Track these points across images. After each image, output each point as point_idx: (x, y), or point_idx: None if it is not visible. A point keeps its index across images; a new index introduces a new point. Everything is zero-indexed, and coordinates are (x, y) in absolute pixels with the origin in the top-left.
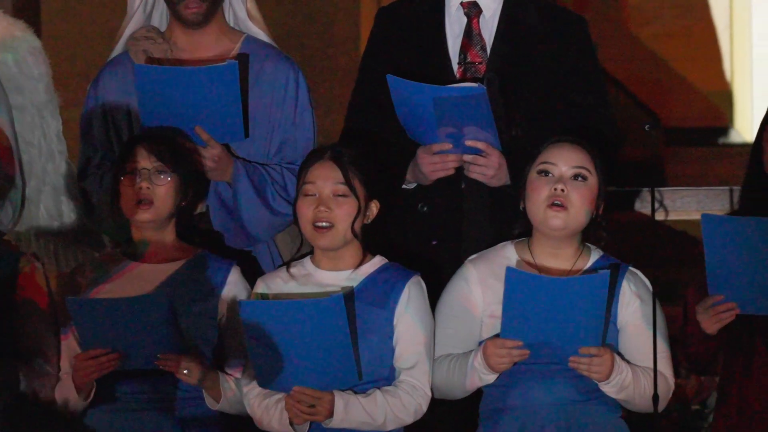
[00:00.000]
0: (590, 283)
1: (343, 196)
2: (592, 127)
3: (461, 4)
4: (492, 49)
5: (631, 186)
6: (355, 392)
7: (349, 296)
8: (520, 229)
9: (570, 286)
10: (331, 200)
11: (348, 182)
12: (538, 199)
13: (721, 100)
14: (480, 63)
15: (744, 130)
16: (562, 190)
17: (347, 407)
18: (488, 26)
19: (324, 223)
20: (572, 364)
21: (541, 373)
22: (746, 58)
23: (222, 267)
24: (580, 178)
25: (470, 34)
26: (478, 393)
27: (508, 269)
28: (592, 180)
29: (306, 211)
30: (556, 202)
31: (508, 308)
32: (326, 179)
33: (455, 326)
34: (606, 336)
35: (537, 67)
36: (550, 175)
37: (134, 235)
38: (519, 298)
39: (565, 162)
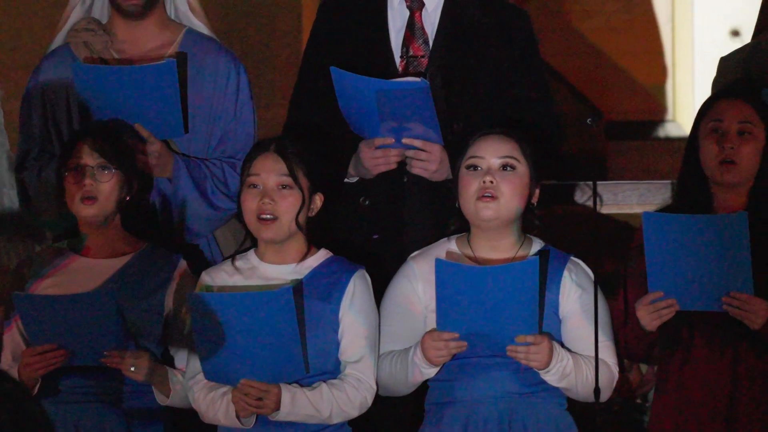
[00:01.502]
0: (520, 270)
1: (288, 188)
2: (534, 120)
3: None
4: (434, 42)
5: (572, 179)
6: (301, 385)
7: (297, 289)
8: (456, 225)
9: (500, 274)
10: (276, 192)
11: (292, 174)
12: (468, 193)
13: (663, 94)
14: (422, 56)
15: (685, 123)
16: (491, 182)
17: (294, 400)
18: (431, 20)
19: (268, 216)
20: (510, 353)
21: (484, 366)
22: (687, 52)
23: (169, 261)
24: (508, 168)
25: (413, 28)
26: (424, 387)
27: (437, 261)
28: (522, 168)
29: (250, 203)
30: (485, 194)
31: (442, 300)
32: (270, 171)
33: (398, 323)
34: (547, 325)
35: (479, 61)
36: (479, 168)
37: (81, 229)
38: (451, 290)
39: (491, 154)
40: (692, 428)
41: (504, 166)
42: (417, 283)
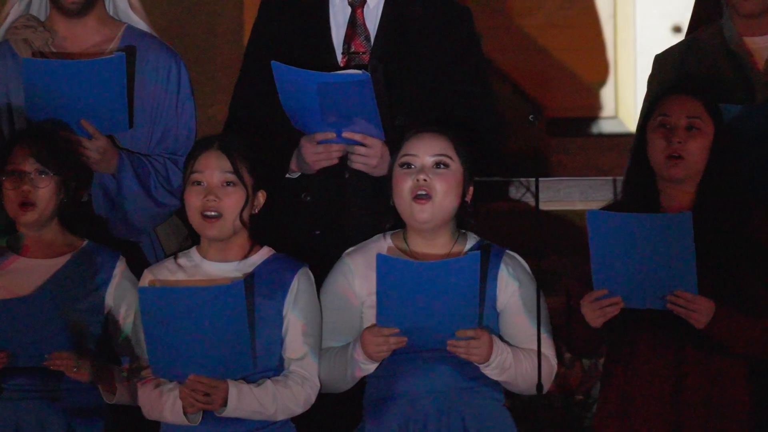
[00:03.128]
0: (461, 264)
1: (231, 185)
2: (475, 117)
3: None
4: (376, 38)
5: (514, 175)
6: (247, 382)
7: (246, 284)
8: (391, 222)
9: (441, 269)
10: (219, 190)
11: (236, 172)
12: (402, 191)
13: (605, 91)
14: (364, 53)
15: (627, 120)
16: (425, 180)
17: (240, 396)
18: (372, 16)
19: (212, 213)
20: (451, 347)
21: (422, 361)
22: (629, 49)
23: (108, 259)
24: (442, 166)
25: (354, 24)
26: (363, 382)
27: (379, 256)
28: (455, 166)
29: (194, 200)
30: (419, 193)
31: (382, 295)
32: (214, 169)
33: (335, 319)
34: (485, 319)
35: (421, 57)
36: (413, 166)
37: (19, 229)
38: (392, 285)
39: (425, 152)
40: (637, 426)
41: (437, 164)
42: (353, 279)
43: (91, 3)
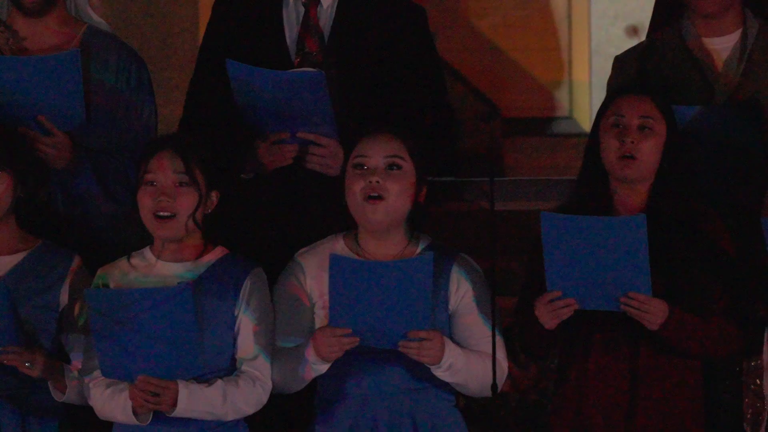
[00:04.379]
0: (413, 265)
1: (184, 185)
2: (429, 117)
3: None
4: (329, 38)
5: (469, 176)
6: (199, 382)
7: (195, 286)
8: (345, 221)
9: (393, 270)
10: (172, 190)
11: (189, 172)
12: (354, 193)
13: (560, 91)
14: (317, 52)
15: (582, 120)
16: (378, 182)
17: (191, 397)
18: (326, 15)
19: (165, 213)
20: (402, 348)
21: (374, 362)
22: (584, 49)
23: (64, 258)
24: (395, 168)
25: (308, 24)
26: (316, 382)
27: (332, 255)
28: (408, 167)
29: (147, 200)
30: (372, 194)
31: (335, 295)
32: (167, 169)
33: (288, 320)
34: (437, 321)
35: (374, 57)
36: (365, 167)
37: None
38: (344, 284)
39: (378, 153)
40: (592, 425)
41: (390, 166)
42: (305, 280)
43: (52, 2)
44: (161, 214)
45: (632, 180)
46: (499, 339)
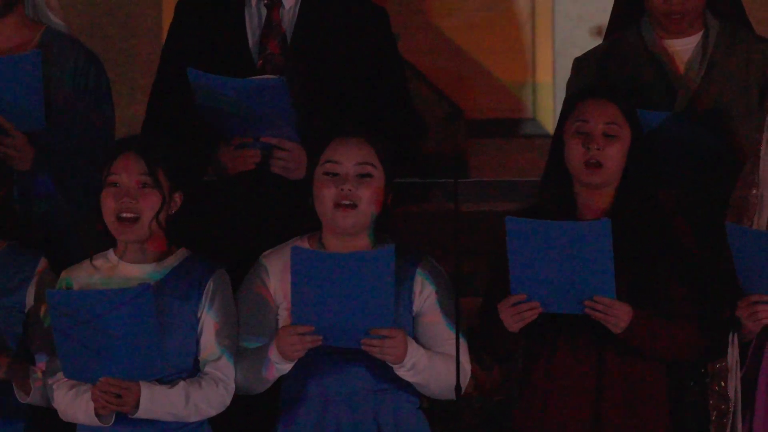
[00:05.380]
0: (375, 256)
1: (148, 187)
2: (392, 118)
3: None
4: (292, 40)
5: (433, 177)
6: (161, 384)
7: (157, 286)
8: (309, 224)
9: (355, 261)
10: (136, 192)
11: (152, 174)
12: (325, 199)
13: (523, 92)
14: (280, 54)
15: (545, 121)
16: (350, 190)
17: (153, 398)
18: (288, 17)
19: (128, 215)
20: (365, 346)
21: (336, 362)
22: (548, 50)
23: (29, 259)
24: (366, 176)
25: (270, 26)
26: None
27: (293, 248)
28: (378, 173)
29: (110, 202)
30: (344, 203)
31: (297, 289)
32: (131, 171)
33: (252, 320)
34: (401, 322)
35: (337, 59)
36: (337, 174)
37: None
38: (306, 278)
39: (349, 159)
40: (557, 427)
41: (361, 174)
42: (269, 281)
43: (10, 5)
44: (124, 215)
45: (598, 185)
46: (462, 341)
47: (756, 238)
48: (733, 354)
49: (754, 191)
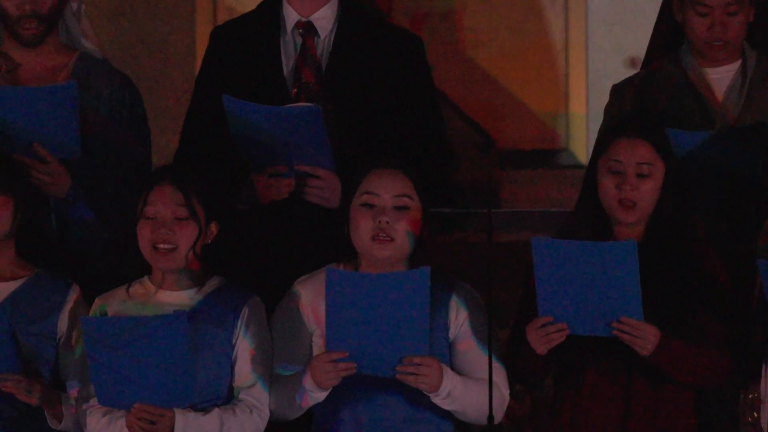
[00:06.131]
0: (410, 278)
1: (184, 219)
2: (426, 148)
3: (296, 24)
4: (327, 69)
5: (466, 207)
6: (195, 410)
7: (191, 313)
8: (343, 253)
9: (390, 282)
10: (173, 223)
11: (189, 205)
12: (362, 230)
13: (556, 123)
14: (315, 83)
15: (578, 152)
16: (387, 222)
17: (187, 425)
18: (323, 46)
19: (166, 246)
20: (399, 375)
21: (370, 389)
22: (581, 81)
23: (62, 286)
24: (404, 208)
25: (305, 54)
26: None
27: (328, 269)
28: (415, 205)
29: (146, 233)
30: (381, 235)
31: (331, 313)
32: (167, 202)
33: (286, 347)
34: (436, 348)
35: (371, 88)
36: (374, 206)
37: None
38: (341, 299)
39: (386, 191)
40: None
41: (399, 207)
42: (303, 307)
43: (47, 32)
44: (161, 246)
45: (632, 223)
46: (499, 368)
47: None
48: (766, 384)
49: None
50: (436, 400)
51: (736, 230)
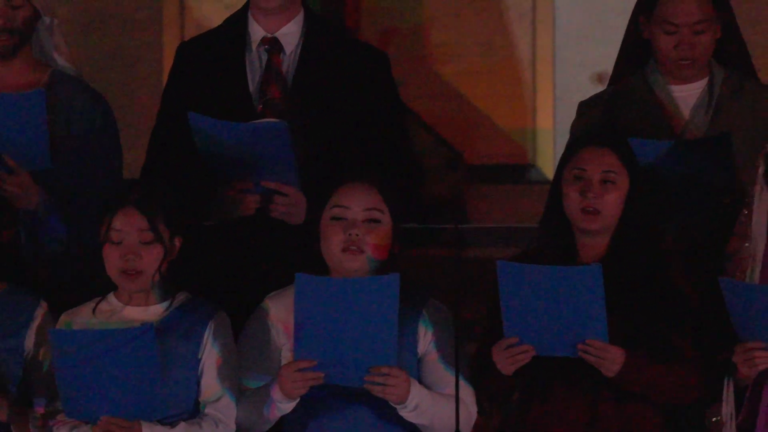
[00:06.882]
0: (380, 284)
1: (150, 242)
2: (393, 163)
3: (262, 40)
4: (292, 85)
5: (434, 223)
6: (162, 424)
7: (158, 327)
8: (311, 269)
9: (359, 287)
10: (139, 247)
11: (154, 229)
12: (333, 243)
13: (524, 138)
14: (281, 99)
15: (546, 167)
16: (357, 235)
17: None
18: (289, 62)
19: (132, 271)
20: (367, 385)
21: (338, 401)
22: (548, 96)
23: (30, 301)
24: (373, 222)
25: (271, 70)
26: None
27: (297, 275)
28: (386, 219)
29: (113, 258)
30: (351, 248)
31: (300, 321)
32: (132, 227)
33: (254, 360)
34: (405, 364)
35: (338, 104)
36: (344, 219)
37: None
38: (310, 306)
39: (357, 204)
40: None
41: (369, 220)
42: (274, 322)
43: (18, 47)
44: (128, 270)
45: (595, 232)
46: (466, 385)
47: (750, 292)
48: (727, 407)
49: (747, 244)
50: (404, 413)
51: (704, 240)
